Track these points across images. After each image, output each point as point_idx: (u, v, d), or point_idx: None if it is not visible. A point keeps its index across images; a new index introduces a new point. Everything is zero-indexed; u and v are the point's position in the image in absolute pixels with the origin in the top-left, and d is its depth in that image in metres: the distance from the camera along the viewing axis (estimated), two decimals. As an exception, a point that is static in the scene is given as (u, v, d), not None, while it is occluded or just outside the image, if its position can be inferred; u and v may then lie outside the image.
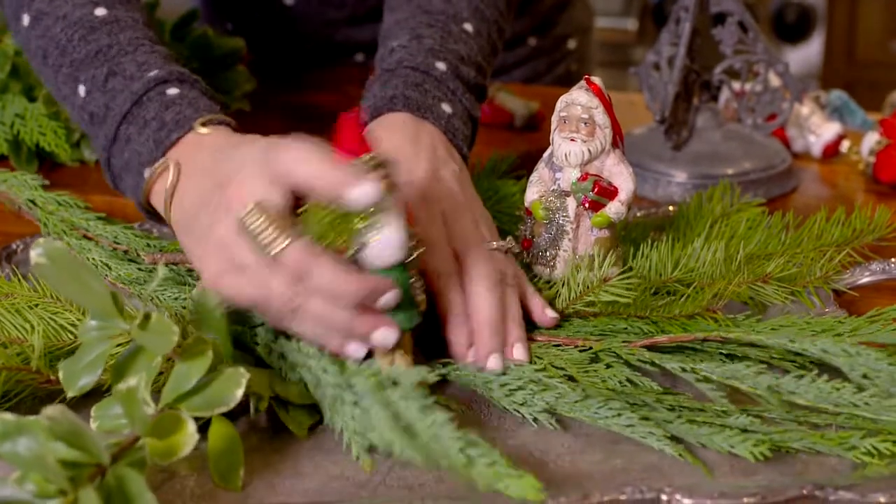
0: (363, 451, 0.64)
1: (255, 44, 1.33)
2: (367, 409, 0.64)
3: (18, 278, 0.79)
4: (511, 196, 0.91)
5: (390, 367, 0.66)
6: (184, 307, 0.75)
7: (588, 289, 0.74)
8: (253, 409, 0.66)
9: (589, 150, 0.75)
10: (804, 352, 0.69)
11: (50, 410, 0.54)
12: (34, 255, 0.59)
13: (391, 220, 0.65)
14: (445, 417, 0.61)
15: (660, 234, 0.86)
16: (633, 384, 0.70)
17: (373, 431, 0.63)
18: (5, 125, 1.05)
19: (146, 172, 0.77)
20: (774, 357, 0.72)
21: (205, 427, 0.62)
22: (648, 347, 0.72)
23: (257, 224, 0.64)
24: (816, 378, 0.67)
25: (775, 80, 1.02)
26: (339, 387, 0.66)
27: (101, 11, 0.84)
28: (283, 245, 0.63)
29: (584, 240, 0.77)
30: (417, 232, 0.67)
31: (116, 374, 0.63)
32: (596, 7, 1.54)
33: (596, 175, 0.76)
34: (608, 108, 0.75)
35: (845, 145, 1.10)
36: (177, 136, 0.76)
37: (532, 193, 0.78)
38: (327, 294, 0.64)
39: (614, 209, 0.76)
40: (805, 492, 0.60)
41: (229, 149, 0.71)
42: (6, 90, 1.07)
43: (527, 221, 0.80)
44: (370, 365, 0.67)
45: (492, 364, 0.70)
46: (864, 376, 0.67)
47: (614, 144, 0.77)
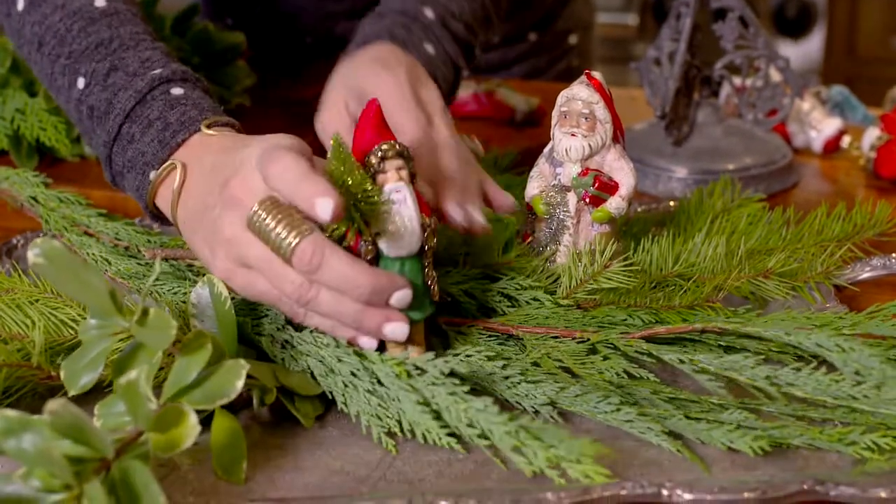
0: (383, 434, 0.66)
1: (255, 38, 1.33)
2: (393, 396, 0.65)
3: (19, 273, 0.79)
4: (512, 191, 0.91)
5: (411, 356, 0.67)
6: (184, 301, 0.75)
7: (589, 276, 0.74)
8: (257, 402, 0.67)
9: (590, 146, 0.75)
10: (799, 345, 0.69)
11: (52, 405, 0.54)
12: (32, 256, 0.59)
13: (406, 211, 0.65)
14: (488, 401, 0.62)
15: (660, 229, 0.86)
16: (631, 376, 0.70)
17: (392, 417, 0.65)
18: (6, 120, 1.05)
19: (151, 174, 0.77)
20: (773, 350, 0.72)
21: (206, 421, 0.62)
22: (646, 339, 0.72)
23: (266, 221, 0.64)
24: (815, 370, 0.67)
25: (776, 76, 1.02)
26: (354, 375, 0.66)
27: (100, 2, 0.84)
28: (294, 241, 0.63)
29: (584, 235, 0.77)
30: (432, 222, 0.67)
31: (117, 370, 0.63)
32: (597, 3, 1.54)
33: (596, 170, 0.76)
34: (609, 103, 0.75)
35: (846, 141, 1.10)
36: (182, 138, 0.76)
37: (532, 188, 0.78)
38: (338, 287, 0.64)
39: (615, 204, 0.76)
40: (806, 487, 0.60)
41: (233, 149, 0.72)
42: (6, 85, 1.07)
43: (527, 216, 0.80)
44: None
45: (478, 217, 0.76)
46: (857, 373, 0.67)
47: (615, 140, 0.76)
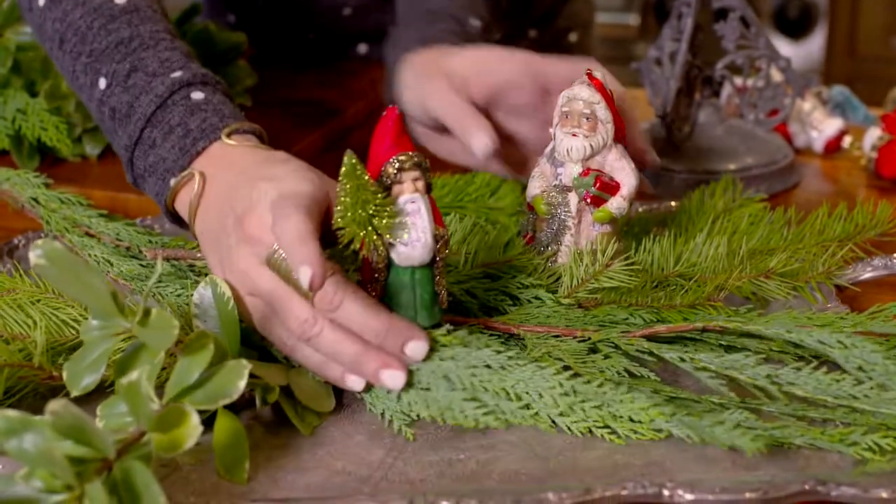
0: (405, 426, 0.66)
1: (257, 34, 1.33)
2: (424, 385, 0.66)
3: (20, 273, 0.79)
4: (512, 191, 0.91)
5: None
6: (186, 304, 0.75)
7: (590, 275, 0.74)
8: (260, 402, 0.67)
9: (591, 146, 0.75)
10: (801, 342, 0.69)
11: (53, 405, 0.54)
12: (33, 257, 0.59)
13: (420, 222, 0.65)
14: (534, 367, 0.64)
15: (662, 229, 0.86)
16: (632, 375, 0.70)
17: (423, 405, 0.66)
18: (7, 120, 1.05)
19: (171, 181, 0.77)
20: (774, 349, 0.72)
21: (207, 421, 0.62)
22: (647, 338, 0.72)
23: (282, 262, 0.66)
24: (815, 370, 0.67)
25: (777, 76, 1.02)
26: None
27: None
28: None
29: (585, 235, 0.77)
30: (445, 233, 0.67)
31: (119, 371, 0.63)
32: (598, 2, 1.53)
33: (598, 170, 0.76)
34: (610, 103, 0.75)
35: (847, 141, 1.10)
36: (203, 146, 0.77)
37: (533, 188, 0.78)
38: (353, 328, 0.65)
39: (616, 204, 0.76)
40: (807, 487, 0.60)
41: (253, 175, 0.72)
42: (7, 85, 1.07)
43: (528, 217, 0.80)
44: None
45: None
46: (860, 368, 0.67)
47: (616, 140, 0.76)
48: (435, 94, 0.84)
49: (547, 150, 0.78)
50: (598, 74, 0.76)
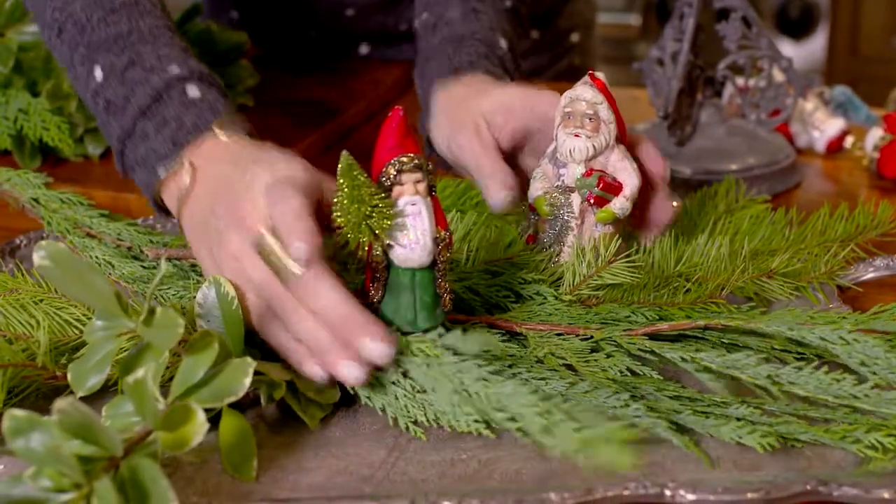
0: (411, 423, 0.67)
1: (259, 32, 1.33)
2: (418, 387, 0.66)
3: (23, 273, 0.79)
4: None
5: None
6: (189, 305, 0.75)
7: (593, 272, 0.74)
8: (265, 399, 0.67)
9: (593, 146, 0.75)
10: (803, 339, 0.69)
11: (60, 404, 0.54)
12: (37, 259, 0.60)
13: (419, 224, 0.65)
14: (517, 383, 0.63)
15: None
16: (634, 374, 0.70)
17: (419, 407, 0.66)
18: (9, 120, 1.05)
19: (161, 170, 0.77)
20: (775, 348, 0.72)
21: (213, 420, 0.63)
22: (649, 336, 0.72)
23: (272, 247, 0.66)
24: (816, 369, 0.67)
25: (779, 76, 1.02)
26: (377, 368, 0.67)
27: None
28: (296, 270, 0.65)
29: (588, 235, 0.77)
30: (447, 235, 0.67)
31: (124, 370, 0.63)
32: (599, 3, 1.54)
33: (601, 171, 0.76)
34: (612, 103, 0.75)
35: (849, 141, 1.10)
36: (195, 139, 0.77)
37: (536, 189, 0.78)
38: (324, 317, 0.65)
39: (619, 205, 0.76)
40: (809, 487, 0.60)
41: (244, 162, 0.72)
42: (9, 85, 1.07)
43: (530, 217, 0.80)
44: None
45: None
46: (862, 363, 0.67)
47: (618, 140, 0.76)
48: (462, 140, 0.83)
49: (549, 150, 0.78)
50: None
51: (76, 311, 0.74)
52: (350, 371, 0.65)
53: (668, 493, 0.60)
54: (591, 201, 0.76)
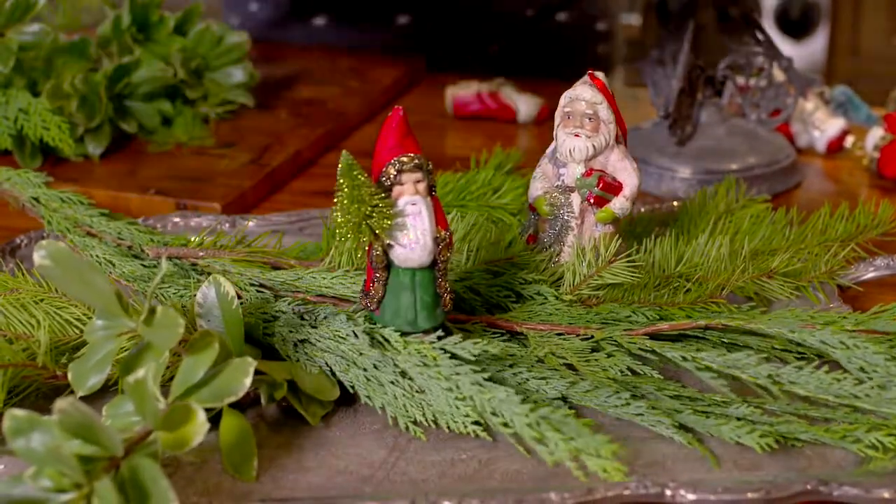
0: (410, 423, 0.67)
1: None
2: (416, 387, 0.66)
3: (23, 273, 0.79)
4: (514, 189, 0.91)
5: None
6: (190, 304, 0.75)
7: (593, 272, 0.74)
8: (265, 399, 0.67)
9: (593, 146, 0.75)
10: (803, 342, 0.69)
11: (61, 404, 0.54)
12: (38, 258, 0.59)
13: (419, 224, 0.65)
14: (510, 391, 0.63)
15: (664, 229, 0.86)
16: (634, 373, 0.70)
17: (418, 407, 0.66)
18: (9, 120, 1.05)
19: None
20: (776, 348, 0.72)
21: (213, 420, 0.63)
22: (650, 336, 0.72)
23: None
24: (816, 369, 0.67)
25: (780, 76, 1.02)
26: (377, 367, 0.67)
27: None
28: None
29: (588, 235, 0.77)
30: (447, 235, 0.67)
31: (125, 370, 0.63)
32: (599, 2, 1.53)
33: (601, 171, 0.76)
34: (612, 103, 0.75)
35: (849, 141, 1.10)
36: None
37: (536, 189, 0.78)
38: None
39: (619, 205, 0.76)
40: (809, 487, 0.60)
41: None
42: (10, 85, 1.07)
43: (531, 217, 0.80)
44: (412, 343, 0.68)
45: None
46: (862, 369, 0.67)
47: (618, 140, 0.76)
48: None
49: (549, 150, 0.78)
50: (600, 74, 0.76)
51: (76, 310, 0.74)
52: None
53: (668, 493, 0.60)
54: (591, 201, 0.76)
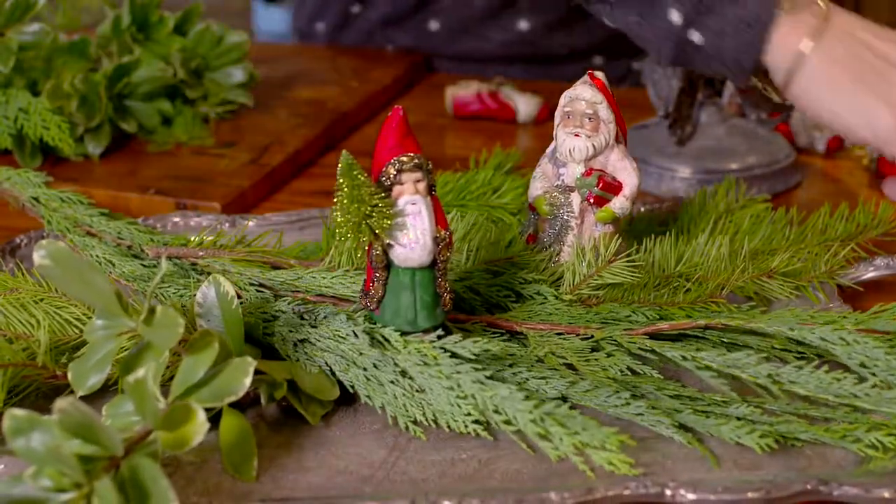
0: (410, 423, 0.66)
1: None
2: (417, 386, 0.66)
3: (23, 273, 0.79)
4: (514, 189, 0.91)
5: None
6: (190, 304, 0.75)
7: (593, 271, 0.74)
8: (265, 399, 0.67)
9: (593, 146, 0.75)
10: (803, 339, 0.69)
11: (61, 403, 0.54)
12: (37, 258, 0.59)
13: (419, 224, 0.65)
14: (512, 388, 0.63)
15: (664, 229, 0.86)
16: (634, 373, 0.70)
17: (418, 406, 0.66)
18: (9, 120, 1.05)
19: (777, 11, 0.78)
20: (776, 348, 0.72)
21: (213, 420, 0.63)
22: (650, 335, 0.72)
23: None
24: (816, 368, 0.67)
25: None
26: (377, 367, 0.67)
27: None
28: None
29: (588, 235, 0.77)
30: (447, 235, 0.67)
31: (125, 370, 0.63)
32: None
33: (600, 170, 0.76)
34: (612, 102, 0.75)
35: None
36: None
37: (536, 189, 0.78)
38: None
39: (619, 204, 0.76)
40: (809, 487, 0.60)
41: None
42: (10, 85, 1.07)
43: (530, 217, 0.80)
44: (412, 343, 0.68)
45: None
46: (862, 365, 0.67)
47: (618, 139, 0.76)
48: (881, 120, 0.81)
49: (549, 150, 0.78)
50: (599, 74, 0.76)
51: (76, 310, 0.74)
52: None
53: (668, 492, 0.60)
54: (591, 201, 0.76)
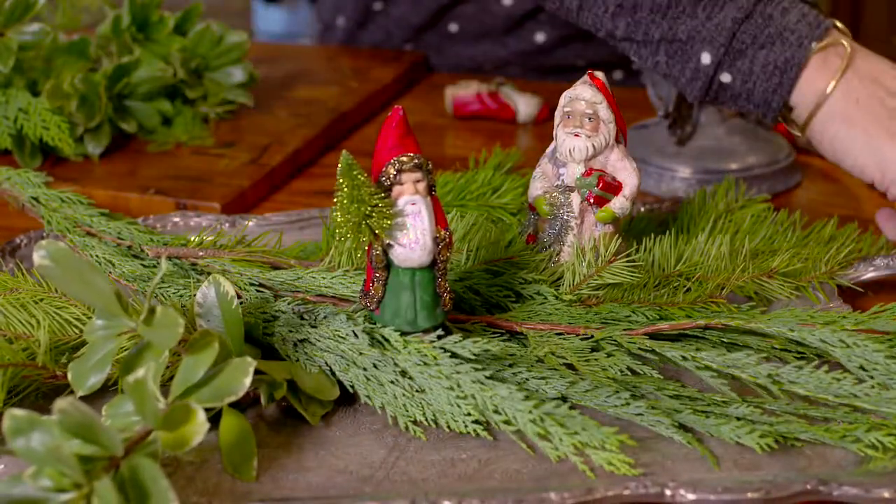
0: (410, 423, 0.67)
1: None
2: (416, 386, 0.66)
3: (23, 273, 0.79)
4: (514, 189, 0.91)
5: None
6: (189, 304, 0.75)
7: (593, 271, 0.74)
8: (265, 399, 0.67)
9: (593, 146, 0.75)
10: (803, 341, 0.69)
11: (61, 403, 0.54)
12: (37, 258, 0.59)
13: (419, 224, 0.65)
14: (512, 388, 0.63)
15: (663, 229, 0.86)
16: (634, 373, 0.70)
17: (418, 406, 0.66)
18: (9, 120, 1.05)
19: (812, 45, 0.79)
20: (775, 347, 0.72)
21: (213, 420, 0.63)
22: (650, 335, 0.72)
23: None
24: (816, 368, 0.67)
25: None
26: (376, 367, 0.67)
27: None
28: None
29: (588, 235, 0.77)
30: (447, 235, 0.67)
31: (125, 370, 0.63)
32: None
33: (600, 170, 0.76)
34: (612, 102, 0.75)
35: (849, 140, 1.10)
36: (828, 26, 0.80)
37: (536, 189, 0.78)
38: None
39: (618, 204, 0.76)
40: (809, 487, 0.60)
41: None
42: (10, 85, 1.07)
43: (530, 217, 0.80)
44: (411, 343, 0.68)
45: None
46: (862, 367, 0.67)
47: (618, 139, 0.77)
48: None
49: (549, 150, 0.78)
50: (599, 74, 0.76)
51: (76, 310, 0.74)
52: None
53: (668, 492, 0.60)
54: (591, 201, 0.76)
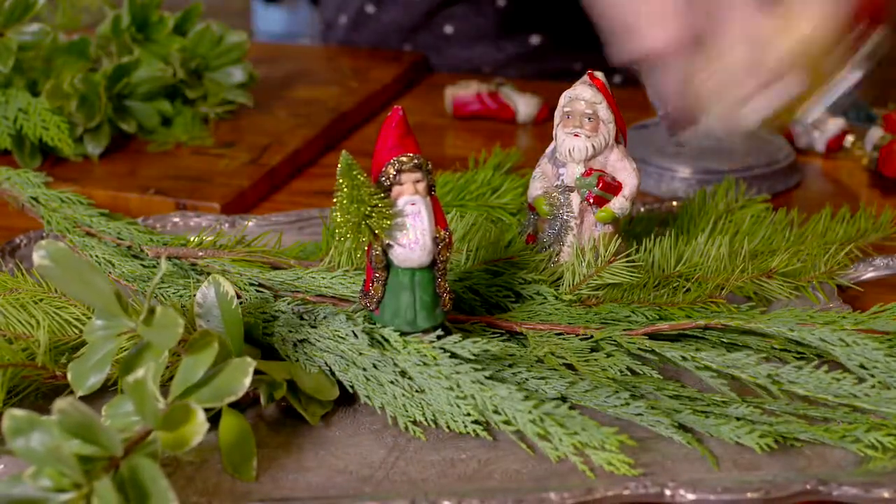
0: (410, 423, 0.66)
1: None
2: (416, 386, 0.66)
3: (22, 273, 0.79)
4: (514, 189, 0.91)
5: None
6: (189, 304, 0.75)
7: (592, 271, 0.74)
8: (265, 399, 0.67)
9: (593, 146, 0.75)
10: (803, 340, 0.69)
11: (61, 403, 0.54)
12: (37, 258, 0.59)
13: (419, 224, 0.65)
14: (511, 388, 0.63)
15: (663, 229, 0.86)
16: (634, 373, 0.70)
17: (418, 407, 0.66)
18: (9, 120, 1.05)
19: None
20: (775, 347, 0.72)
21: (213, 420, 0.63)
22: (649, 335, 0.72)
23: None
24: (816, 369, 0.67)
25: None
26: (376, 367, 0.67)
27: None
28: None
29: (587, 235, 0.77)
30: (447, 235, 0.67)
31: (124, 370, 0.63)
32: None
33: (600, 170, 0.76)
34: (612, 102, 0.76)
35: (849, 140, 1.10)
36: None
37: (535, 189, 0.78)
38: None
39: (618, 204, 0.76)
40: (809, 487, 0.60)
41: None
42: (9, 85, 1.07)
43: (530, 217, 0.80)
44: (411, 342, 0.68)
45: None
46: (862, 366, 0.67)
47: (617, 140, 0.77)
48: None
49: (548, 150, 0.78)
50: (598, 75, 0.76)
51: (76, 310, 0.74)
52: None
53: (668, 492, 0.60)
54: (591, 201, 0.76)
